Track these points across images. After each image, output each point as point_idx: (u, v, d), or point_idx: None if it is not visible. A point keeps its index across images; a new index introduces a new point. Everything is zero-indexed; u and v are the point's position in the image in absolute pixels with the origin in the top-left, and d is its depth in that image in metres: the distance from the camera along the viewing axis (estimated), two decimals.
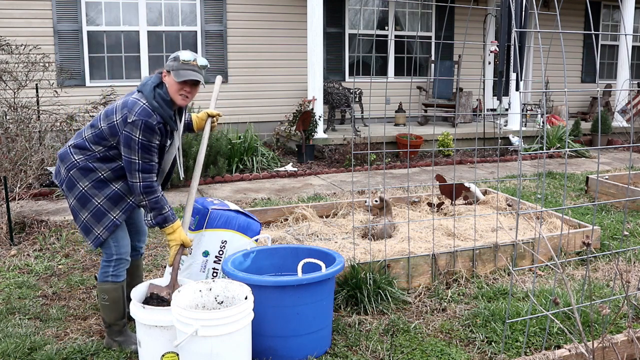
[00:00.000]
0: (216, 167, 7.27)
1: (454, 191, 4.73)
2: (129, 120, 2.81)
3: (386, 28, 10.81)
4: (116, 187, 2.95)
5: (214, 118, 3.36)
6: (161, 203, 2.93)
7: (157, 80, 2.93)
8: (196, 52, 9.48)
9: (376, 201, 4.66)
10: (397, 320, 3.32)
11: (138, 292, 2.90)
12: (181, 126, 3.08)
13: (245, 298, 2.64)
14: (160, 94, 2.88)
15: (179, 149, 3.07)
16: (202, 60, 2.95)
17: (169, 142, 3.03)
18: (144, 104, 2.84)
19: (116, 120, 2.86)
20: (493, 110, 11.00)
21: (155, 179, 2.92)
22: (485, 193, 5.73)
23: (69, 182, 2.95)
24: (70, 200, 2.97)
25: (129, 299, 3.09)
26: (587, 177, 6.65)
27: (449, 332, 3.23)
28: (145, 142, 2.82)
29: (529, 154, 6.04)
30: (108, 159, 2.92)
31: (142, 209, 3.16)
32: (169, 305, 2.70)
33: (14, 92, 6.47)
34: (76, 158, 2.93)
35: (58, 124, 6.81)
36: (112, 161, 2.93)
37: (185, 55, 2.91)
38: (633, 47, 13.04)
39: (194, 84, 2.94)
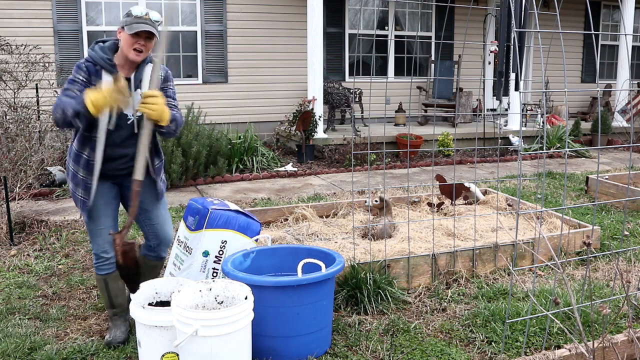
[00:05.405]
0: (216, 167, 7.27)
1: (454, 191, 4.73)
2: None
3: (386, 28, 10.81)
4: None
5: (149, 104, 2.79)
6: (63, 102, 2.78)
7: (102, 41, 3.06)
8: (196, 52, 9.49)
9: (376, 201, 4.65)
10: (397, 320, 3.32)
11: (139, 293, 2.89)
12: (146, 82, 2.96)
13: (245, 298, 2.63)
14: (99, 44, 3.00)
15: (140, 116, 2.91)
16: (154, 15, 2.95)
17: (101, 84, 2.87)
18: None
19: None
20: (493, 110, 11.00)
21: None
22: (485, 193, 5.73)
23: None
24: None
25: (129, 299, 3.09)
26: (587, 177, 6.65)
27: (449, 332, 3.23)
28: (69, 77, 2.92)
29: (529, 154, 6.03)
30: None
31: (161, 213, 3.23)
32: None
33: (14, 92, 6.47)
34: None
35: None
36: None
37: (137, 10, 2.95)
38: (633, 47, 13.04)
39: (148, 37, 2.91)
